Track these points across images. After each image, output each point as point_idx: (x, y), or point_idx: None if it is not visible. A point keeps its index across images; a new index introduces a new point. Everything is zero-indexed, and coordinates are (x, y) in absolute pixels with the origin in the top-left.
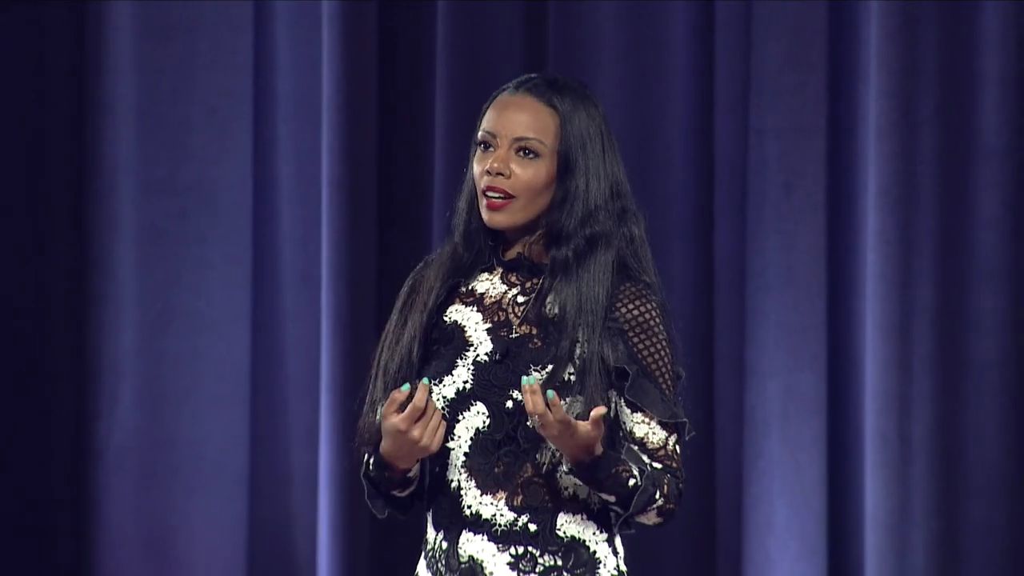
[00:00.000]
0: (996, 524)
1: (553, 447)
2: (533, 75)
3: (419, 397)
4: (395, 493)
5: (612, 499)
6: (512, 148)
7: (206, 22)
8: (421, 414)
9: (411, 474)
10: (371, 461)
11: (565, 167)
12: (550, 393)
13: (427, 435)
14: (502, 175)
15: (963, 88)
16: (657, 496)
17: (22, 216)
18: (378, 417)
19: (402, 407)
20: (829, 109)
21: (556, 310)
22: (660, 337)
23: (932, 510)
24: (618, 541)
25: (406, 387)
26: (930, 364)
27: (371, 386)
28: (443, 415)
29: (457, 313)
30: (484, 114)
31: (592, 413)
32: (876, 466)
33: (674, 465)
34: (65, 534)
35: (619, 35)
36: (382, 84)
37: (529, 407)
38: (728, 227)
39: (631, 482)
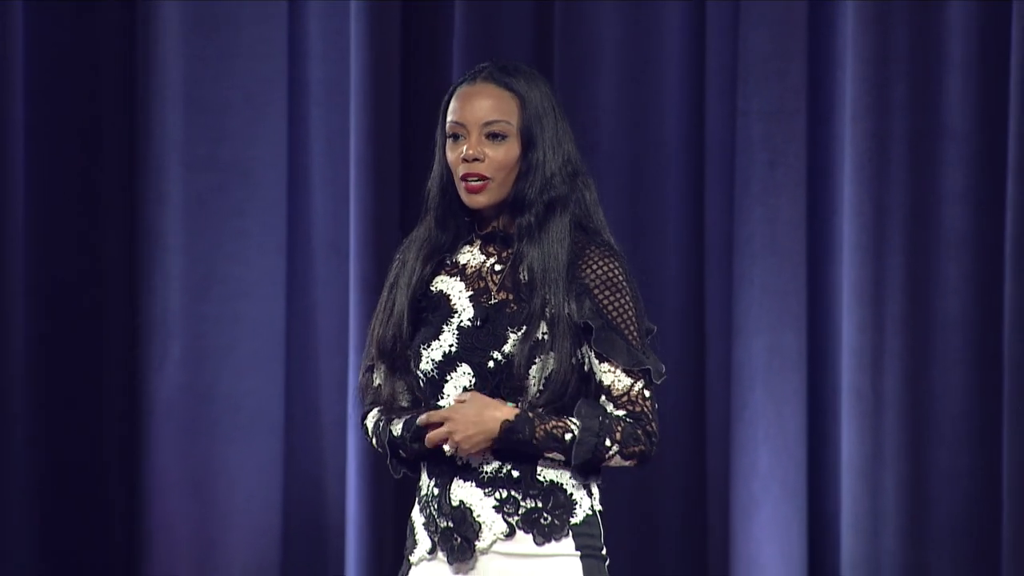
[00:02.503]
0: (960, 469)
1: (531, 402)
2: (484, 64)
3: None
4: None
5: (559, 457)
6: (482, 133)
7: (245, 16)
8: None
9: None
10: (406, 436)
11: (528, 142)
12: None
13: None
14: (478, 160)
15: (931, 75)
16: (608, 443)
17: (80, 190)
18: (375, 377)
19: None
20: (809, 93)
21: (526, 269)
22: (625, 293)
23: (901, 457)
24: (593, 484)
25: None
26: (900, 324)
27: (365, 353)
28: (433, 375)
29: (442, 283)
30: (447, 108)
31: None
32: (851, 417)
33: (638, 410)
34: (118, 479)
35: (619, 27)
36: (404, 72)
37: (434, 440)
38: (717, 200)
39: (567, 436)
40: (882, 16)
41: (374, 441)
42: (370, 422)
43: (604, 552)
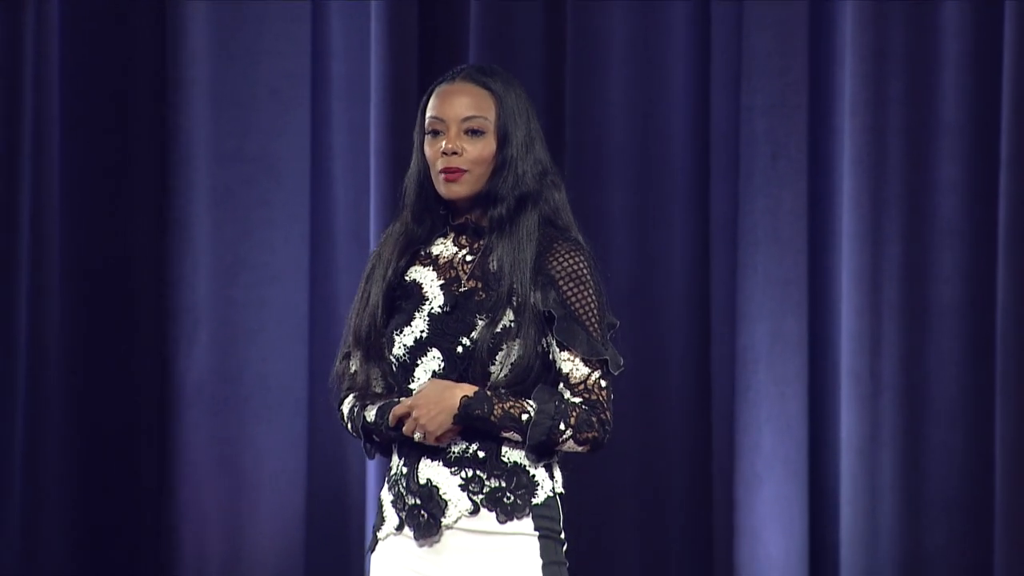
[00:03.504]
0: (953, 447)
1: (493, 383)
2: (463, 66)
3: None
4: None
5: (515, 436)
6: (461, 129)
7: (270, 15)
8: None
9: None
10: (381, 423)
11: (503, 139)
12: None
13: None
14: (456, 154)
15: (926, 71)
16: (562, 427)
17: (113, 182)
18: (351, 363)
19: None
20: (810, 89)
21: (496, 259)
22: (589, 287)
23: (898, 436)
24: (556, 469)
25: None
26: (897, 310)
27: (343, 342)
28: (404, 360)
29: (416, 273)
30: (426, 106)
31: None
32: (850, 398)
33: (594, 398)
34: (150, 455)
35: (628, 26)
36: (422, 67)
37: (408, 430)
38: (722, 191)
39: (523, 416)
40: (880, 16)
41: (349, 426)
42: (345, 407)
43: (562, 535)
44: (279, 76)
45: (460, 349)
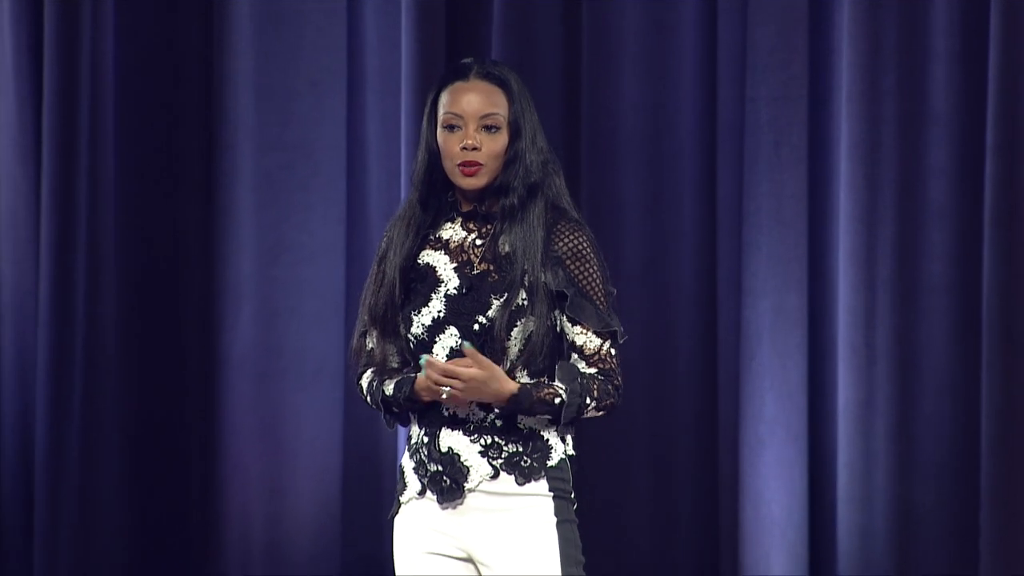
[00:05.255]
0: (941, 413)
1: (512, 360)
2: (468, 61)
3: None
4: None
5: (547, 417)
6: (479, 125)
7: (308, 13)
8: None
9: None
10: (399, 396)
11: (515, 133)
12: (423, 359)
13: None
14: (476, 149)
15: (917, 65)
16: (588, 401)
17: (163, 168)
18: (367, 341)
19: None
20: (810, 81)
21: (507, 248)
22: (592, 263)
23: (891, 404)
24: (569, 435)
25: (424, 359)
26: (890, 286)
27: (359, 321)
28: (423, 338)
29: (428, 256)
30: (439, 100)
31: (464, 348)
32: (846, 369)
33: (607, 367)
34: (197, 424)
35: (640, 23)
36: (449, 60)
37: (434, 378)
38: (729, 177)
39: (556, 400)
40: (874, 13)
41: (368, 399)
42: (364, 382)
43: (573, 495)
44: (317, 70)
45: (476, 327)
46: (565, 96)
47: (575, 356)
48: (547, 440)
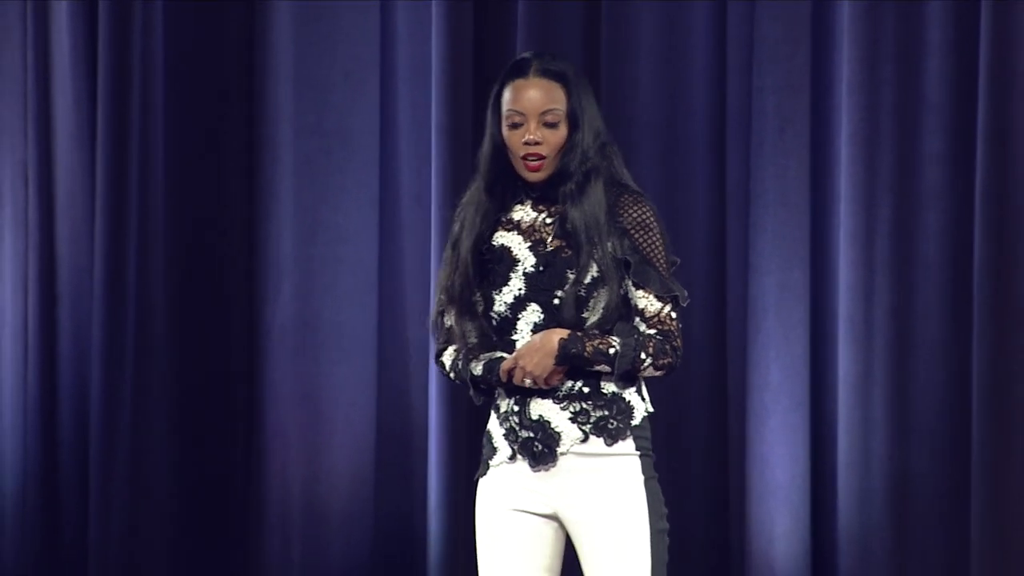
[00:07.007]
0: (936, 382)
1: (590, 330)
2: (528, 57)
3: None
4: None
5: (605, 368)
6: (540, 121)
7: (344, 7)
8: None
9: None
10: (491, 378)
11: (573, 124)
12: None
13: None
14: (538, 143)
15: (914, 55)
16: (642, 356)
17: (209, 154)
18: (445, 320)
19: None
20: (813, 71)
21: (575, 226)
22: (655, 232)
23: (888, 374)
24: (644, 391)
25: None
26: (888, 264)
27: (435, 300)
28: (506, 315)
29: (502, 238)
30: (502, 96)
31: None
32: (847, 341)
33: (666, 328)
34: (241, 392)
35: (655, 19)
36: (477, 52)
37: (517, 379)
38: (737, 161)
39: (611, 351)
40: (873, 6)
41: (452, 375)
42: (447, 359)
43: (652, 451)
44: (352, 60)
45: (556, 301)
46: None
47: (637, 319)
48: (628, 401)
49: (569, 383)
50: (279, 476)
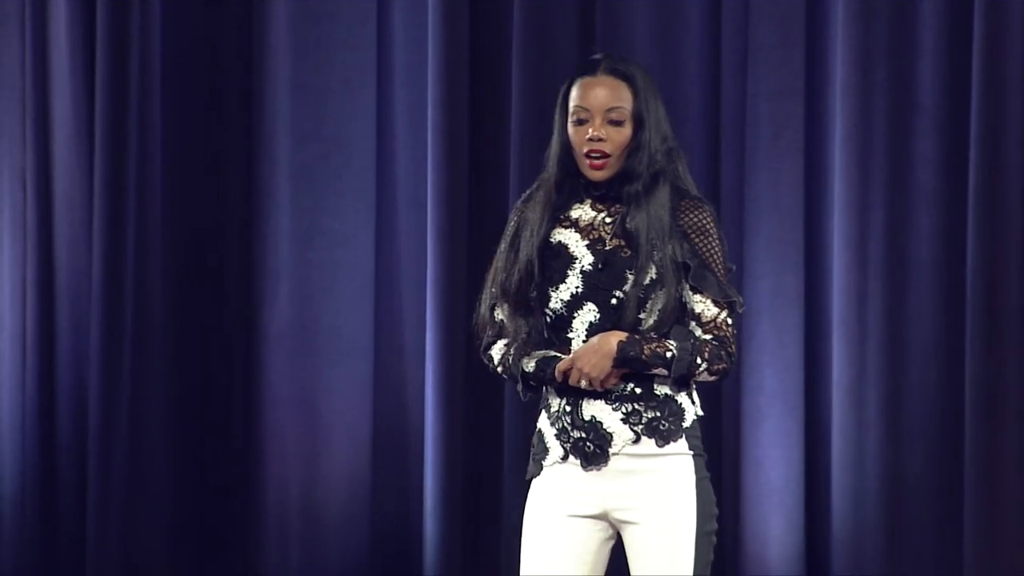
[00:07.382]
0: (929, 385)
1: (646, 332)
2: (597, 57)
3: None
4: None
5: (663, 371)
6: (605, 119)
7: (340, 13)
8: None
9: None
10: (544, 376)
11: (639, 125)
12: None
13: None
14: (602, 140)
15: (906, 59)
16: (698, 361)
17: (206, 158)
18: (496, 314)
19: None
20: (806, 76)
21: (635, 227)
22: (714, 238)
23: (881, 377)
24: (695, 394)
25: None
26: (881, 267)
27: (486, 294)
28: (562, 313)
29: (560, 235)
30: (569, 93)
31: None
32: (840, 344)
33: (722, 334)
34: (239, 395)
35: (649, 22)
36: (473, 56)
37: (573, 380)
38: (731, 166)
39: (668, 354)
40: (866, 11)
41: (500, 369)
42: (496, 353)
43: (704, 452)
44: (349, 67)
45: (614, 301)
46: None
47: (693, 324)
48: (680, 403)
49: (622, 384)
50: (277, 478)
